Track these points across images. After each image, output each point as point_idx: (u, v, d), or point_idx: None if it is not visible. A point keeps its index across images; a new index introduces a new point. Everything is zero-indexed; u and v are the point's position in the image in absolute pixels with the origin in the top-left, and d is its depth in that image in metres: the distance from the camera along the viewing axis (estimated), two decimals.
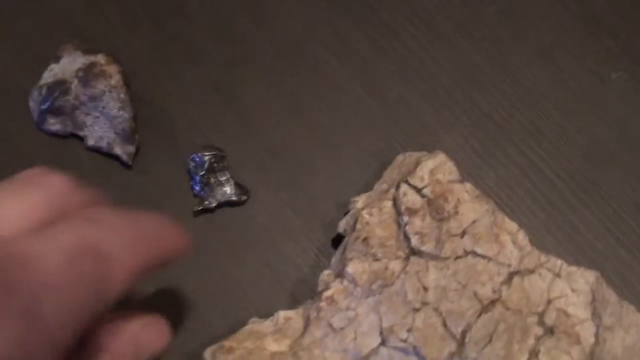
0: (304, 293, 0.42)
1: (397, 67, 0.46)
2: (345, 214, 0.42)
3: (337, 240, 0.42)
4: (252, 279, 0.42)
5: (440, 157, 0.40)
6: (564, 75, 0.46)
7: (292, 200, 0.43)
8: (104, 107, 0.42)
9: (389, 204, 0.40)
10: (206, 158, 0.43)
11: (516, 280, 0.39)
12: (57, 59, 0.43)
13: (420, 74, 0.46)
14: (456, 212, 0.39)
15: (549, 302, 0.38)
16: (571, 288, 0.39)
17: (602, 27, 0.47)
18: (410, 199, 0.39)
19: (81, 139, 0.43)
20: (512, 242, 0.39)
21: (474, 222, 0.39)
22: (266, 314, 0.40)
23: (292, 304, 0.41)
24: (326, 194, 0.43)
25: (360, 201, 0.41)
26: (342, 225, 0.41)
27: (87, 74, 0.42)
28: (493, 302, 0.38)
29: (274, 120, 0.44)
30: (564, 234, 0.43)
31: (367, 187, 0.43)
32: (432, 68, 0.46)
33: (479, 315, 0.38)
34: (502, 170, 0.44)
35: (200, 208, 0.42)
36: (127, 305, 0.29)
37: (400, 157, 0.42)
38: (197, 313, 0.41)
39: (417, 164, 0.40)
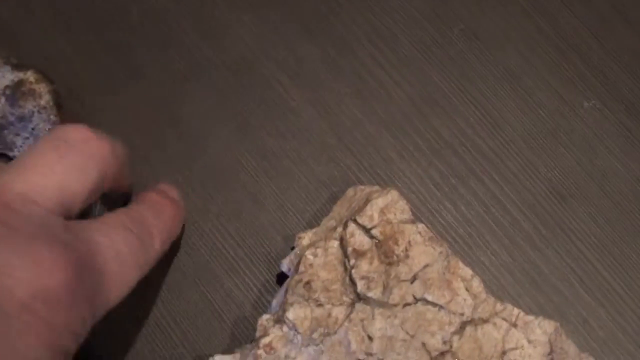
0: (244, 333, 0.39)
1: (353, 88, 0.43)
2: (292, 248, 0.39)
3: (282, 276, 0.39)
4: (189, 314, 0.39)
5: (392, 195, 0.37)
6: (532, 102, 0.43)
7: (236, 231, 0.40)
8: (33, 129, 0.39)
9: (335, 244, 0.37)
10: None
11: (469, 330, 0.36)
12: None
13: (378, 96, 0.42)
14: (407, 256, 0.36)
15: (504, 353, 0.36)
16: (527, 339, 0.36)
17: (575, 51, 0.43)
18: (358, 239, 0.36)
19: (11, 159, 0.40)
20: (465, 290, 0.36)
21: (425, 266, 0.36)
22: (202, 356, 0.38)
23: (232, 344, 0.39)
24: (272, 225, 0.40)
25: (306, 238, 0.38)
26: (286, 264, 0.38)
27: (15, 93, 0.39)
28: (443, 354, 0.35)
29: (219, 143, 0.41)
30: (525, 276, 0.40)
31: (316, 219, 0.40)
32: (391, 90, 0.43)
33: None
34: (462, 204, 0.41)
35: None
36: None
37: (350, 191, 0.39)
38: (130, 349, 0.38)
39: (368, 200, 0.37)
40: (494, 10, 0.44)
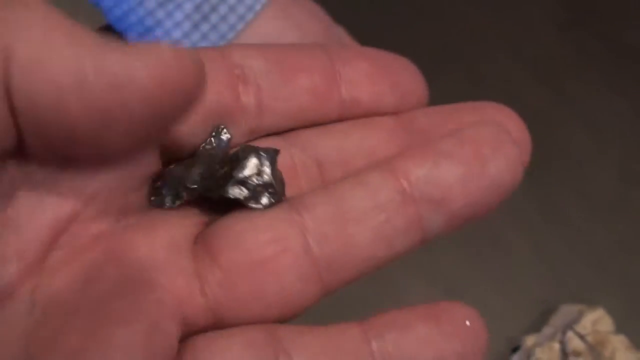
0: None
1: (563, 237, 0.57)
2: (514, 348, 0.52)
3: None
4: None
5: (600, 312, 0.51)
6: None
7: None
8: None
9: (556, 345, 0.50)
10: None
11: None
12: None
13: (577, 240, 0.57)
14: (612, 358, 0.49)
15: None
16: None
17: None
18: (575, 343, 0.50)
19: None
20: None
21: None
22: None
23: None
24: (498, 330, 0.54)
25: (530, 339, 0.51)
26: (517, 357, 0.51)
27: None
28: None
29: (457, 272, 0.56)
30: None
31: (530, 328, 0.54)
32: (589, 237, 0.57)
33: None
34: None
35: None
36: None
37: (564, 307, 0.53)
38: None
39: (580, 314, 0.51)
40: None
